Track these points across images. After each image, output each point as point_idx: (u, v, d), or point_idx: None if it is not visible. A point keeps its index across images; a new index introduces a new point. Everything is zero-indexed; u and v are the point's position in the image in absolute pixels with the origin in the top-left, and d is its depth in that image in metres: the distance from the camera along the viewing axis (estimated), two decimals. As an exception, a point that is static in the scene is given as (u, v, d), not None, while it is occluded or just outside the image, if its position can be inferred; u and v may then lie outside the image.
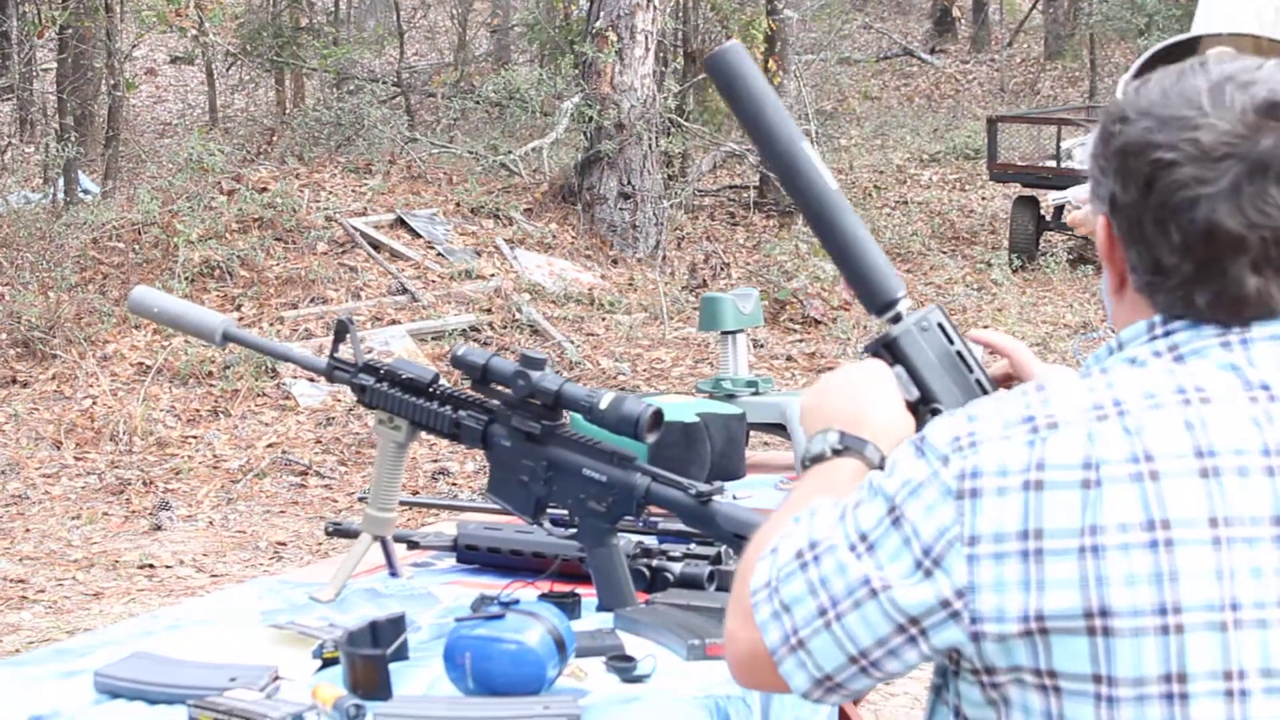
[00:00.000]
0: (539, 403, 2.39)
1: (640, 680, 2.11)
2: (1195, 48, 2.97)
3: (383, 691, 2.02)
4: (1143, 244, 1.43)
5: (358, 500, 2.98)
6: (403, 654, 2.16)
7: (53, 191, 12.81)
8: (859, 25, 21.40)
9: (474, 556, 2.71)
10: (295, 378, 9.03)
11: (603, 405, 2.32)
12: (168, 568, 6.75)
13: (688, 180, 13.45)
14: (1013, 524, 1.37)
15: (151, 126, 18.54)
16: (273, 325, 9.74)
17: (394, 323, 9.91)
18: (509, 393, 2.41)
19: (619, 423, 2.31)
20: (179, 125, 17.80)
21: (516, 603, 2.08)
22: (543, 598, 2.36)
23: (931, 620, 1.39)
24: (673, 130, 12.83)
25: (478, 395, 2.46)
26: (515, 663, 1.99)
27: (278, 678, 2.08)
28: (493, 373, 2.41)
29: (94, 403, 8.78)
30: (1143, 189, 1.41)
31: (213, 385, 8.98)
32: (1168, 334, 1.44)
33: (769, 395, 3.59)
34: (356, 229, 10.92)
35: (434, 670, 2.11)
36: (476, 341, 9.68)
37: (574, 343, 9.87)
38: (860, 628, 1.41)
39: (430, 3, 20.46)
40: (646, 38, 11.91)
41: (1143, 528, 1.34)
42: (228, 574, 6.63)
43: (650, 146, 11.98)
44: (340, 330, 2.56)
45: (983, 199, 14.87)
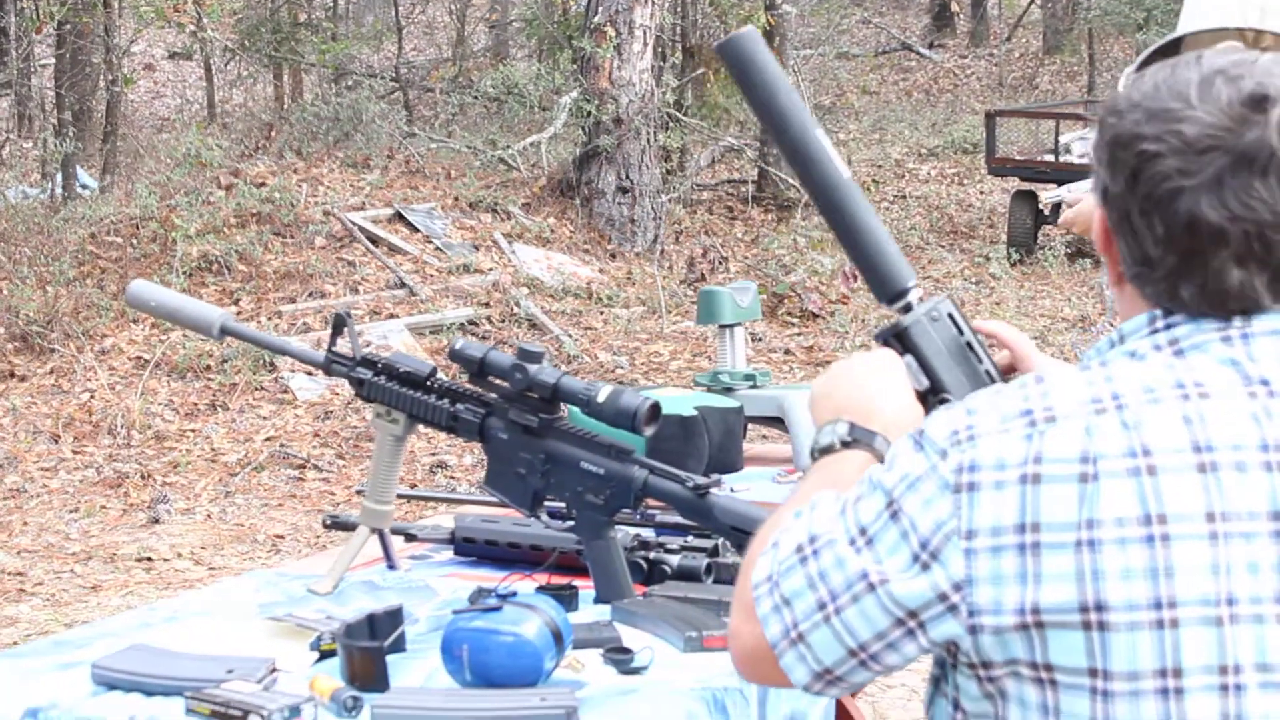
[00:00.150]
0: (536, 396, 2.39)
1: (637, 672, 2.11)
2: (1190, 44, 2.96)
3: (380, 683, 2.03)
4: (1131, 235, 1.44)
5: (355, 493, 2.99)
6: (400, 646, 2.16)
7: (51, 186, 12.80)
8: (857, 20, 21.38)
9: (471, 549, 2.71)
10: (293, 371, 9.03)
11: (600, 398, 2.32)
12: (165, 561, 6.75)
13: (686, 175, 13.45)
14: (1010, 517, 1.37)
15: (150, 122, 18.53)
16: (271, 319, 9.73)
17: (392, 317, 9.90)
18: (506, 386, 2.41)
19: (616, 416, 2.31)
20: (177, 120, 17.78)
21: (514, 595, 2.08)
22: (540, 590, 2.36)
23: (929, 613, 1.39)
24: (671, 125, 12.81)
25: (475, 388, 2.46)
26: (512, 655, 2.00)
27: (275, 670, 2.09)
28: (490, 366, 2.41)
29: (92, 396, 8.78)
30: (1130, 180, 1.41)
31: (211, 379, 8.98)
32: (1168, 327, 1.44)
33: (767, 388, 3.59)
34: (355, 224, 10.91)
35: (431, 662, 2.12)
36: (475, 335, 9.68)
37: (572, 336, 9.87)
38: (859, 621, 1.41)
39: (428, -3, 20.45)
40: (645, 32, 11.90)
41: (1139, 522, 1.34)
42: (225, 567, 6.63)
43: (648, 141, 11.97)
44: (338, 324, 2.56)
45: (981, 193, 14.87)
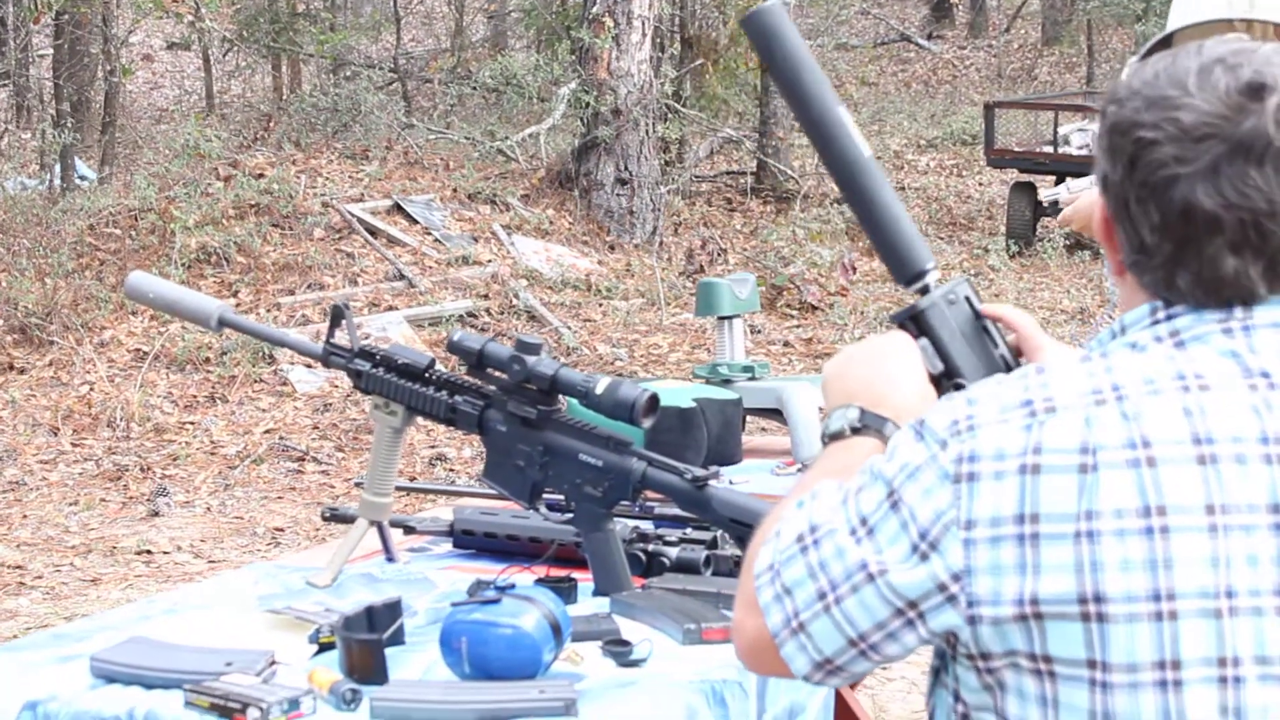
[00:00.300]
0: (535, 388, 2.39)
1: (636, 664, 2.11)
2: (1180, 39, 2.95)
3: (379, 676, 2.03)
4: (1128, 223, 1.43)
5: (354, 486, 2.99)
6: (399, 639, 2.16)
7: (49, 178, 12.79)
8: (856, 10, 21.34)
9: (470, 541, 2.72)
10: (292, 364, 9.03)
11: (598, 390, 2.32)
12: (165, 553, 6.75)
13: (685, 166, 13.44)
14: (1009, 508, 1.36)
15: (148, 112, 18.51)
16: (269, 311, 9.73)
17: (391, 308, 9.90)
18: (505, 378, 2.41)
19: (615, 407, 2.31)
20: (176, 111, 17.75)
21: (513, 587, 2.08)
22: (539, 582, 2.37)
23: (929, 604, 1.39)
24: (670, 116, 12.80)
25: (474, 380, 2.46)
26: (511, 647, 2.00)
27: (274, 662, 2.09)
28: (488, 358, 2.41)
29: (91, 389, 8.77)
30: (1127, 168, 1.41)
31: (210, 371, 8.98)
32: (1170, 318, 1.44)
33: (765, 380, 3.59)
34: (353, 215, 10.90)
35: (430, 655, 2.12)
36: (474, 327, 9.67)
37: (571, 328, 9.87)
38: (859, 611, 1.41)
39: (427, -12, 20.43)
40: (643, 23, 11.88)
41: (1138, 514, 1.34)
42: (225, 559, 6.63)
43: (647, 132, 11.96)
44: (336, 315, 2.56)
45: (980, 185, 14.86)
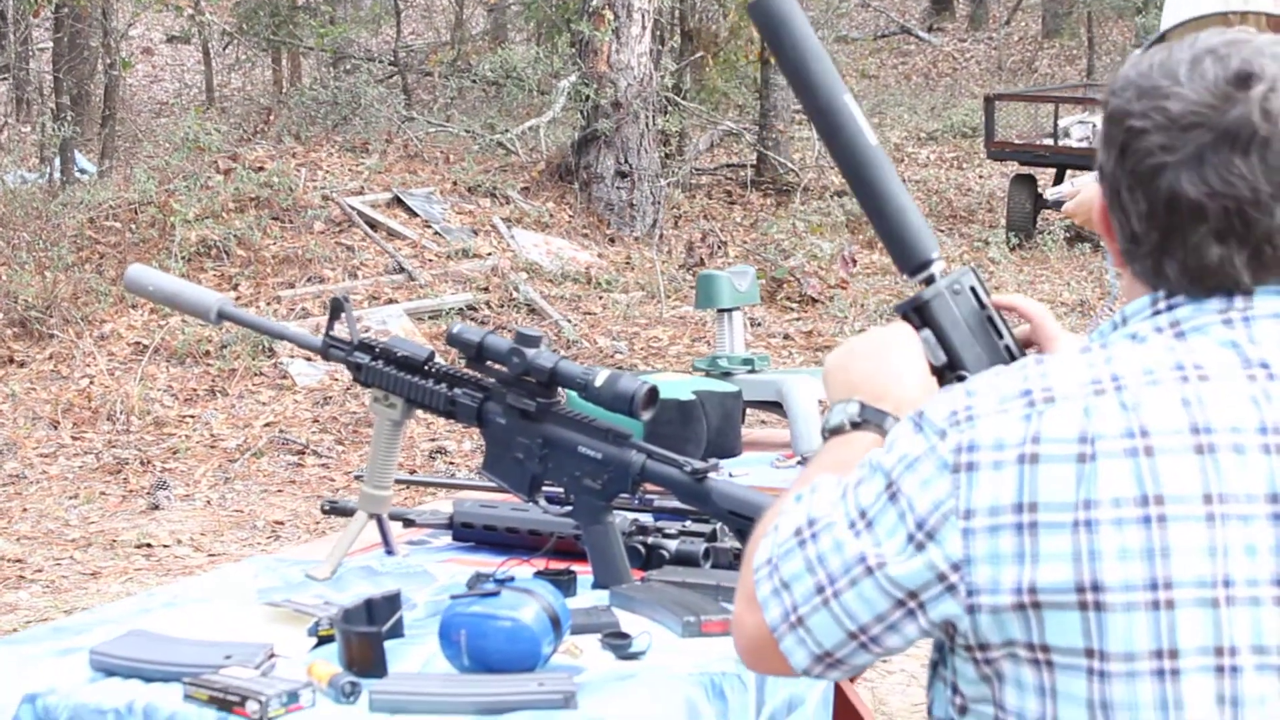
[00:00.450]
0: (534, 380, 2.39)
1: (635, 657, 2.11)
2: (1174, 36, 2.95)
3: (378, 669, 2.03)
4: (1120, 211, 1.44)
5: (354, 479, 2.99)
6: (398, 631, 2.16)
7: (49, 171, 12.78)
8: (856, 3, 21.33)
9: (469, 534, 2.71)
10: (292, 357, 9.03)
11: (598, 382, 2.32)
12: (165, 547, 6.75)
13: (685, 159, 13.44)
14: (1008, 497, 1.37)
15: (148, 106, 18.51)
16: (269, 304, 9.73)
17: (391, 302, 9.90)
18: (504, 370, 2.41)
19: (614, 400, 2.31)
20: (175, 104, 17.74)
21: (512, 580, 2.08)
22: (538, 575, 2.36)
23: (929, 594, 1.39)
24: (670, 109, 12.80)
25: (473, 373, 2.46)
26: (510, 640, 2.00)
27: (273, 655, 2.09)
28: (488, 350, 2.41)
29: (91, 382, 8.77)
30: (1119, 156, 1.42)
31: (210, 364, 8.98)
32: (1170, 309, 1.44)
33: (765, 373, 3.59)
34: (353, 208, 10.90)
35: (429, 647, 2.12)
36: (474, 320, 9.68)
37: (571, 321, 9.87)
38: (858, 604, 1.41)
39: (427, -19, 20.41)
40: (643, 16, 11.88)
41: (1136, 503, 1.34)
42: (225, 553, 6.64)
43: (647, 125, 11.95)
44: (336, 308, 2.56)
45: (980, 177, 14.86)
